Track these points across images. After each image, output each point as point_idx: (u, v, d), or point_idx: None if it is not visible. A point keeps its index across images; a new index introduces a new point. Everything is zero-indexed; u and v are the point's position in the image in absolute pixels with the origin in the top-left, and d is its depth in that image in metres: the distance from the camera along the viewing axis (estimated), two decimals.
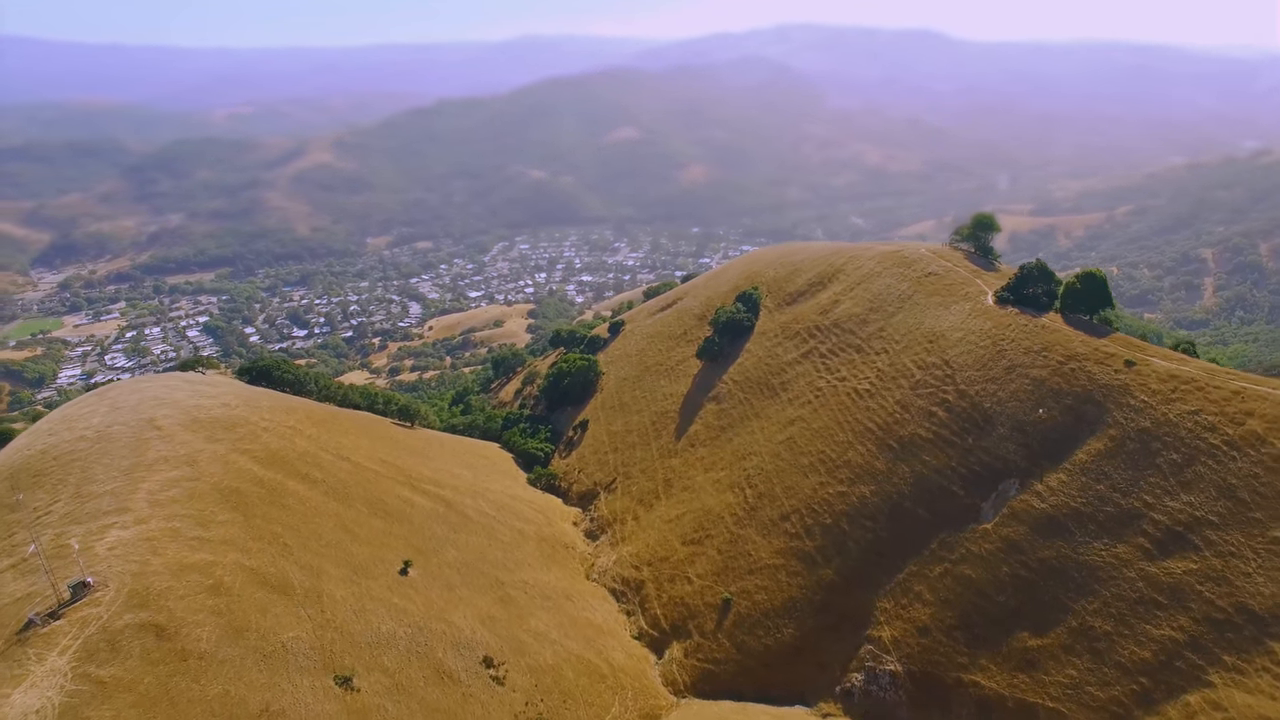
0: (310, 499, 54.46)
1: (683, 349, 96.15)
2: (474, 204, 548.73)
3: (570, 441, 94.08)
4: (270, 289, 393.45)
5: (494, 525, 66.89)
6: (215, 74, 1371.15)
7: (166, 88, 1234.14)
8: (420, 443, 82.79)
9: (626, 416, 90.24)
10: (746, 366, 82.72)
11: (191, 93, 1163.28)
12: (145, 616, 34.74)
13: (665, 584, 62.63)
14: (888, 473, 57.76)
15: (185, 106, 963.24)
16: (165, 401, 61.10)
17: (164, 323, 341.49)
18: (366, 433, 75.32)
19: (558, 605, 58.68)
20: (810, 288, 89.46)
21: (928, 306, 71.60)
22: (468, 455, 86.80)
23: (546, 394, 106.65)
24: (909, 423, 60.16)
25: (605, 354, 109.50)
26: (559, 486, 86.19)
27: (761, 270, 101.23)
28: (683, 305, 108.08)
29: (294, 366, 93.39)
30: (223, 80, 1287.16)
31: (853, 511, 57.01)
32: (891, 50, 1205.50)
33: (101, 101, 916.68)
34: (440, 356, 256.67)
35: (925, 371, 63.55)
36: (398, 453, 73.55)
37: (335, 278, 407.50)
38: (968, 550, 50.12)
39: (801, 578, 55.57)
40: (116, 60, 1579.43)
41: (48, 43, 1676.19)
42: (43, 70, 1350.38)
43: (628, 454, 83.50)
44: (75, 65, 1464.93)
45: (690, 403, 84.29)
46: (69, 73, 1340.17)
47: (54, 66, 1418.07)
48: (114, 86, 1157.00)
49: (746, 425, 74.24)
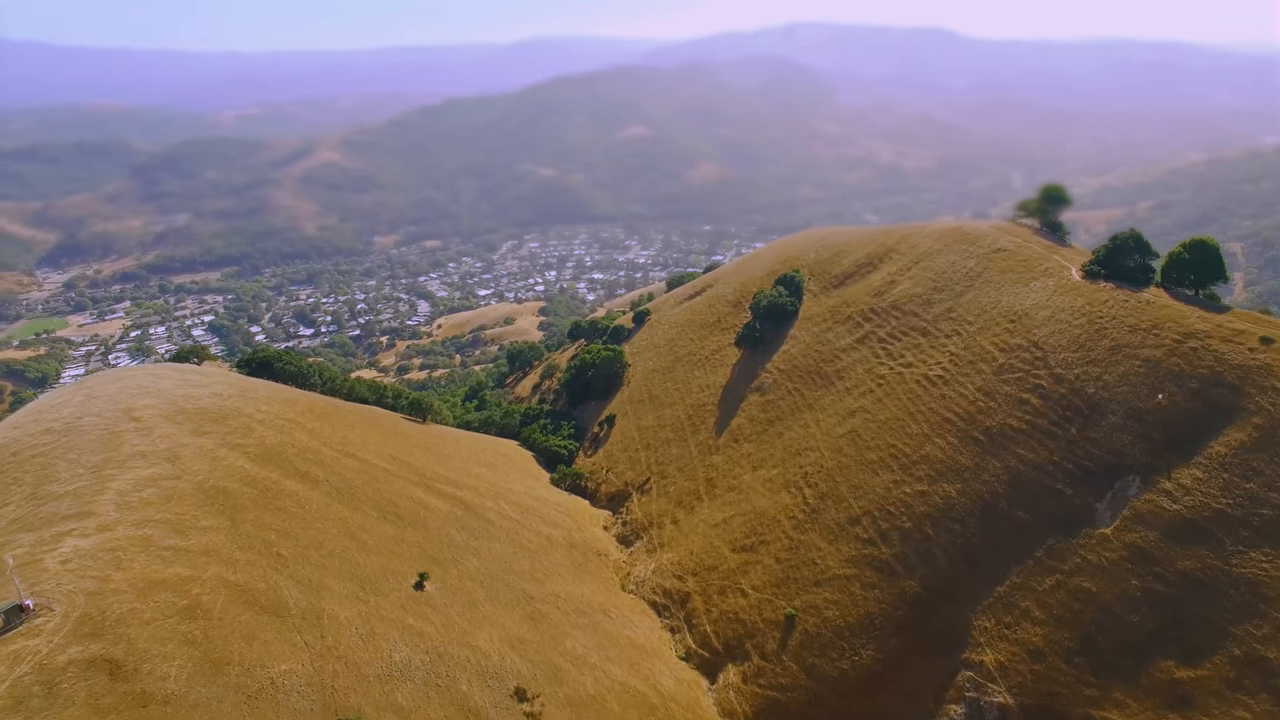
0: (311, 501, 47.10)
1: (718, 337, 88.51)
2: (483, 202, 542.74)
3: (596, 438, 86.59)
4: (277, 288, 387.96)
5: (518, 530, 59.43)
6: (224, 78, 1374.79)
7: (175, 91, 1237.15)
8: (434, 439, 75.44)
9: (658, 410, 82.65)
10: (793, 354, 75.00)
11: (200, 96, 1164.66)
12: (97, 650, 27.38)
13: (715, 596, 55.01)
14: (975, 469, 49.95)
15: (194, 109, 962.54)
16: (148, 391, 53.92)
17: (169, 322, 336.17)
18: (375, 427, 67.99)
19: (594, 622, 51.14)
20: (859, 269, 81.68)
21: (1002, 284, 63.76)
22: (485, 453, 79.42)
23: (568, 388, 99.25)
24: (996, 412, 52.33)
25: (631, 345, 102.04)
26: (585, 487, 78.72)
27: (800, 254, 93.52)
28: (714, 292, 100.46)
29: (297, 358, 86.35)
30: (231, 84, 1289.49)
31: (937, 514, 49.22)
32: (902, 48, 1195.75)
33: (110, 105, 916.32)
34: (449, 355, 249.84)
35: (1010, 354, 55.71)
36: (410, 449, 66.19)
37: (342, 276, 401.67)
38: (1084, 559, 42.29)
39: (879, 590, 47.81)
40: (126, 65, 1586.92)
41: (57, 47, 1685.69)
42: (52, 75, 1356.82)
43: (662, 451, 75.93)
44: (85, 70, 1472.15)
45: (731, 394, 76.65)
46: (79, 77, 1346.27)
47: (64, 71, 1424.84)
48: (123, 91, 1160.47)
49: (798, 418, 66.52)
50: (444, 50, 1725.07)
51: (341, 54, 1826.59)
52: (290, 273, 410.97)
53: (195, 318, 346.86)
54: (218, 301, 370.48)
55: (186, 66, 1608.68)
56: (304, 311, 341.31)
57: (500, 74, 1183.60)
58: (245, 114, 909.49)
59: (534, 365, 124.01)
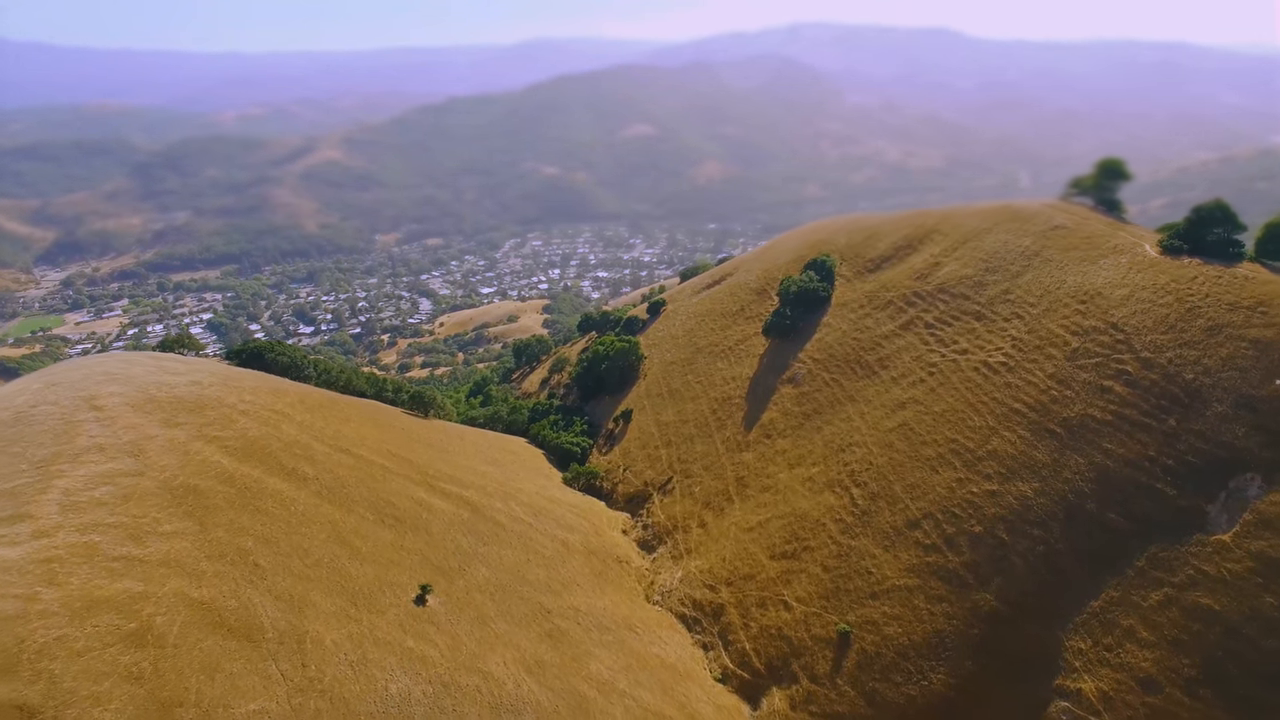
0: (297, 501, 41.02)
1: (741, 326, 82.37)
2: (485, 200, 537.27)
3: (611, 435, 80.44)
4: (277, 286, 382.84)
5: (531, 534, 53.29)
6: (225, 78, 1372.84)
7: (177, 91, 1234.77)
8: (437, 435, 69.32)
9: (679, 404, 76.48)
10: (828, 342, 68.81)
11: (202, 96, 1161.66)
12: (7, 692, 21.28)
13: (753, 609, 48.83)
14: (1054, 465, 43.75)
15: (195, 109, 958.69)
16: (116, 377, 47.83)
17: (167, 320, 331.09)
18: (372, 421, 61.90)
19: (619, 639, 44.99)
20: (897, 252, 75.50)
21: (1066, 263, 57.57)
22: (492, 450, 73.28)
23: (579, 382, 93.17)
24: (1074, 401, 46.13)
25: (646, 337, 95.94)
26: (601, 487, 72.57)
27: (828, 238, 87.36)
28: (735, 280, 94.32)
29: (290, 348, 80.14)
30: (233, 84, 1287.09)
31: (1012, 516, 43.02)
32: (907, 48, 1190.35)
33: (111, 104, 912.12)
34: (452, 353, 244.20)
35: (1084, 338, 49.52)
36: (410, 445, 60.08)
37: (343, 274, 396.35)
38: (1199, 571, 36.11)
39: (948, 604, 41.63)
40: (128, 65, 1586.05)
41: (59, 48, 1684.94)
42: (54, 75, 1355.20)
43: (684, 448, 69.76)
44: (86, 70, 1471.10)
45: (760, 386, 70.46)
46: (80, 78, 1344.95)
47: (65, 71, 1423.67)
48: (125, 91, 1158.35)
49: (839, 411, 60.33)
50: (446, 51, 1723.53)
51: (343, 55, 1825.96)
52: (290, 271, 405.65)
53: (194, 316, 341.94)
54: (217, 299, 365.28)
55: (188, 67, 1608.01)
56: (304, 309, 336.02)
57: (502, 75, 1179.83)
58: (246, 114, 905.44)
59: (541, 360, 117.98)
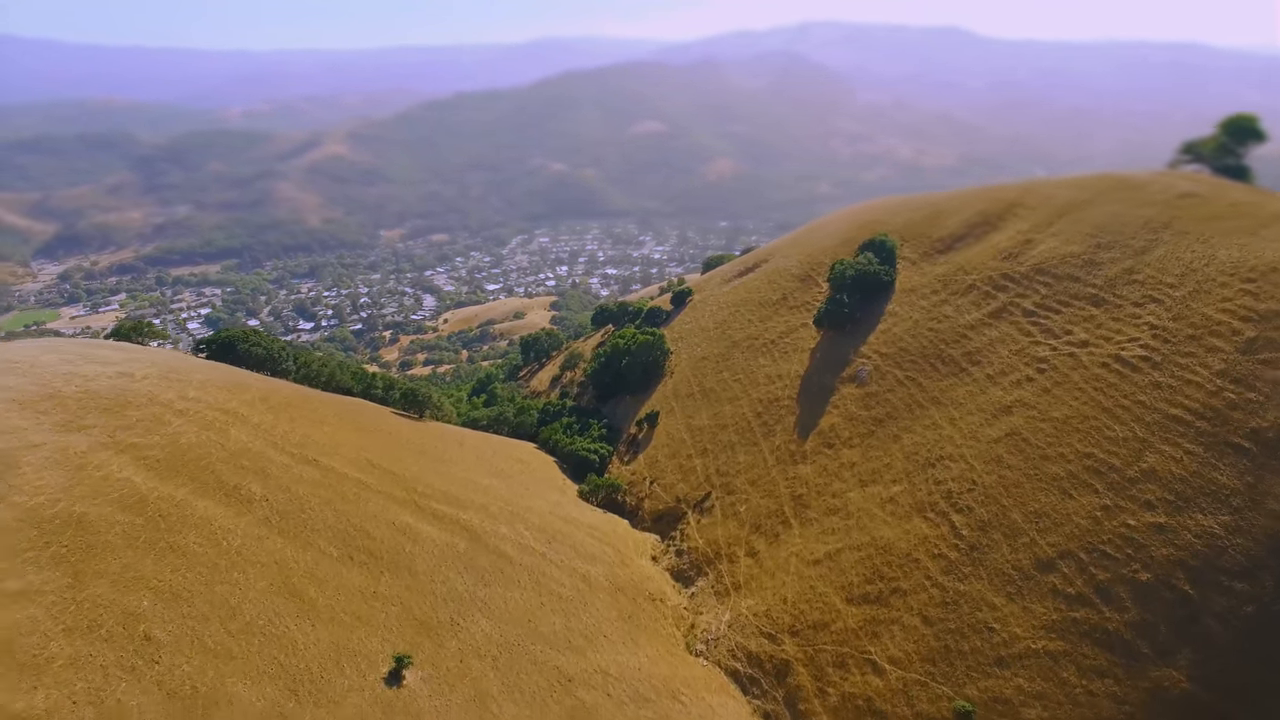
0: (233, 534, 30.29)
1: (785, 317, 71.40)
2: (492, 196, 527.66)
3: (634, 441, 69.55)
4: (278, 281, 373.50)
5: (545, 568, 42.49)
6: (234, 75, 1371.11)
7: (185, 88, 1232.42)
8: (432, 440, 58.59)
9: (715, 406, 65.55)
10: (898, 334, 57.83)
11: (210, 93, 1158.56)
12: None
13: (830, 671, 37.92)
14: (1249, 492, 32.74)
15: (203, 106, 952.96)
16: (16, 367, 37.24)
17: (164, 314, 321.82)
18: (353, 423, 51.20)
19: (663, 715, 34.13)
20: (971, 230, 64.48)
21: (1211, 235, 46.48)
22: (497, 458, 62.56)
23: (596, 379, 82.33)
24: (1266, 407, 35.13)
25: (671, 330, 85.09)
26: (623, 502, 61.76)
27: (882, 218, 76.33)
28: (772, 266, 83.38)
29: (267, 339, 69.66)
30: (241, 81, 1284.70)
31: (1196, 561, 32.02)
32: (918, 47, 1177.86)
33: (117, 100, 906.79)
34: (456, 350, 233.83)
35: (1262, 325, 38.49)
36: (398, 454, 49.34)
37: (346, 270, 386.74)
38: None
39: (1114, 682, 30.63)
40: (137, 62, 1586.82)
41: (68, 45, 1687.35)
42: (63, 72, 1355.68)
43: (724, 458, 58.86)
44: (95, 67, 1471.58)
45: (814, 386, 59.48)
46: (89, 74, 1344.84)
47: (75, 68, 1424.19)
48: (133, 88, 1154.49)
49: (920, 416, 49.32)
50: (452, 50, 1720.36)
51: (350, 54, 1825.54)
52: (292, 266, 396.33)
53: (192, 310, 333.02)
54: (216, 294, 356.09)
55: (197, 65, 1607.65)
56: (304, 305, 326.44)
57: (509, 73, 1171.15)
58: (253, 110, 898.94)
59: (552, 355, 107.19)
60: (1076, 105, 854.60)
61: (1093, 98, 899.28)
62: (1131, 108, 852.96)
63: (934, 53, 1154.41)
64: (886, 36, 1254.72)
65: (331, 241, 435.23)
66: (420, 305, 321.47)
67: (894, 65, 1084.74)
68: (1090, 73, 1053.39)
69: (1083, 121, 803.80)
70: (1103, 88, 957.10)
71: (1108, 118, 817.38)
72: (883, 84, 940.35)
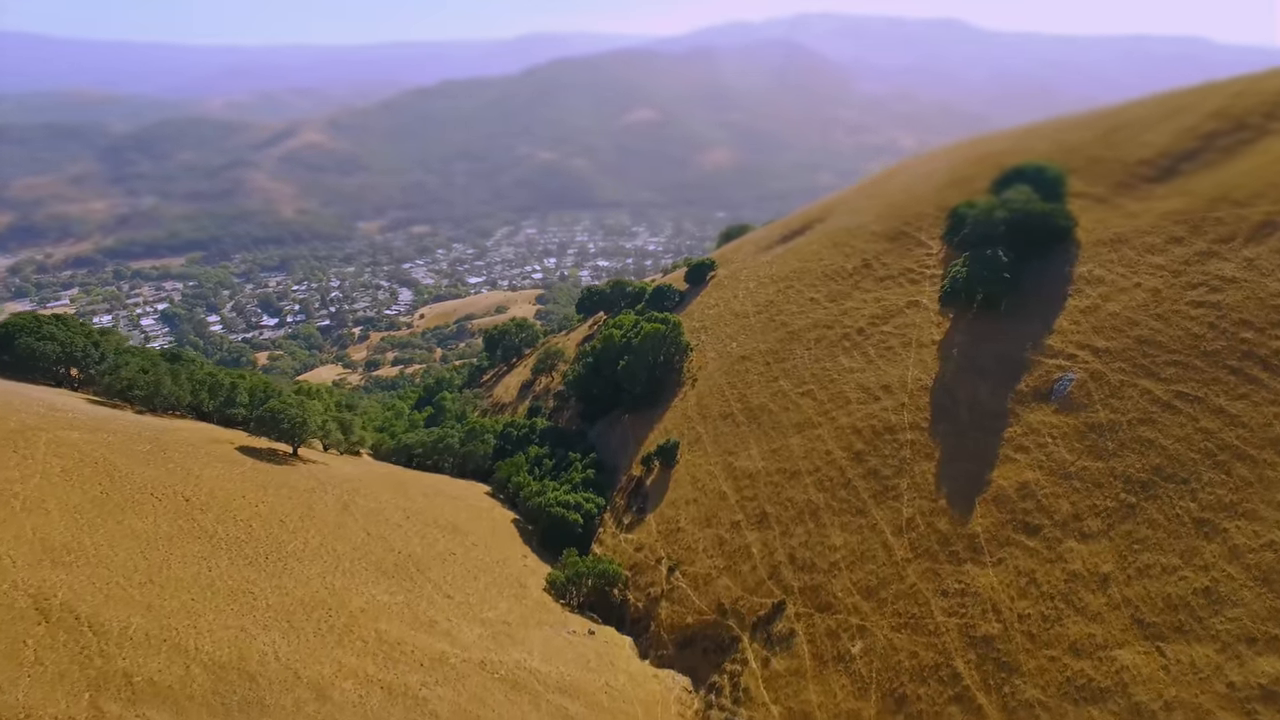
0: None
1: (875, 292, 45.70)
2: (477, 187, 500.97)
3: (639, 490, 43.75)
4: (245, 274, 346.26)
5: None
6: (221, 69, 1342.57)
7: (170, 80, 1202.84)
8: (280, 504, 32.71)
9: (774, 437, 39.84)
10: (1120, 316, 32.22)
11: (194, 86, 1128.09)
12: None
13: None
14: None
15: (184, 97, 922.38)
16: None
17: (117, 310, 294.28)
18: (107, 475, 25.21)
19: None
20: (1205, 143, 39.03)
21: None
22: (413, 522, 36.90)
23: (581, 389, 56.37)
24: None
25: (689, 316, 59.35)
26: (624, 602, 36.16)
27: (1010, 147, 50.81)
28: (836, 225, 57.68)
29: (69, 327, 44.13)
30: (228, 75, 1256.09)
31: None
32: (917, 38, 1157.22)
33: (93, 91, 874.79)
34: (429, 348, 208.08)
35: None
36: (168, 550, 23.40)
37: (319, 262, 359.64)
38: None
39: None
40: (125, 57, 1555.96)
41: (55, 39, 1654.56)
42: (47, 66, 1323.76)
43: (802, 533, 33.21)
44: (82, 61, 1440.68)
45: (959, 406, 33.87)
46: (76, 69, 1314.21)
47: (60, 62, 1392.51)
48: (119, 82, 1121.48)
49: (1228, 472, 23.76)
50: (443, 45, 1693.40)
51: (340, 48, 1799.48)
52: (262, 258, 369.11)
53: (148, 305, 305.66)
54: (176, 288, 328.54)
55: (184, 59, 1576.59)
56: (270, 299, 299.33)
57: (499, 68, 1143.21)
58: (234, 100, 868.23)
59: (525, 354, 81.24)
60: (1079, 95, 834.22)
61: (1095, 89, 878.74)
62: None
63: (934, 45, 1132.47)
64: (884, 28, 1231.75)
65: (305, 234, 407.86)
66: (395, 299, 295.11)
67: (893, 57, 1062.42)
68: (1094, 64, 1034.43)
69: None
70: (1106, 79, 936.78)
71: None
72: (882, 75, 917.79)
